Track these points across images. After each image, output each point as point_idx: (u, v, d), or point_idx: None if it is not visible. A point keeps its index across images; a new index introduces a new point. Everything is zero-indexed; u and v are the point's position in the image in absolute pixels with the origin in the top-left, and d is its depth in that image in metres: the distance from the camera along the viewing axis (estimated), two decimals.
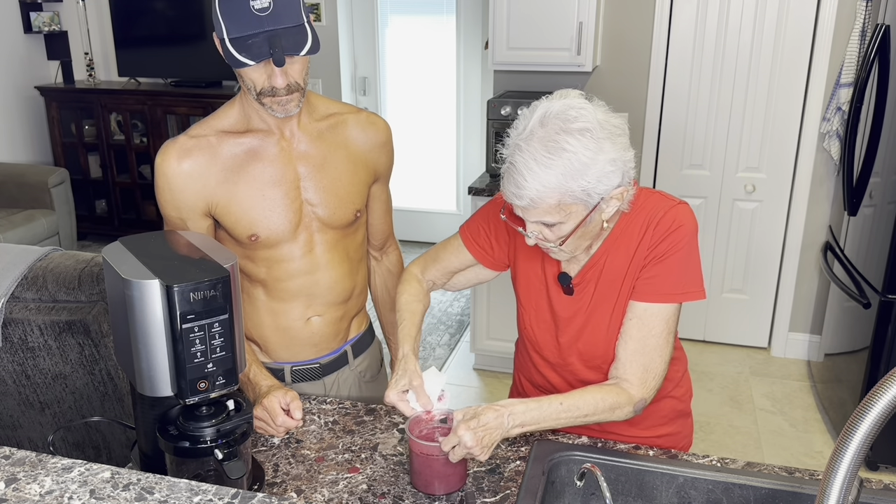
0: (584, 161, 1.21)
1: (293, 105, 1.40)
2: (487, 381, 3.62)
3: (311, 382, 1.64)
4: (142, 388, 1.17)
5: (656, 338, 1.35)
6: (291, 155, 1.48)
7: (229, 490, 0.91)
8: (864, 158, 2.95)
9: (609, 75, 3.65)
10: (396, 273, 1.81)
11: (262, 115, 1.46)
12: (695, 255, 1.35)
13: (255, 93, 1.38)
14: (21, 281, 1.98)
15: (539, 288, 1.47)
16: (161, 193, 1.45)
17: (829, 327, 3.39)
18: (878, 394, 0.72)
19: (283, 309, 1.56)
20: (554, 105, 1.26)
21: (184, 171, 1.42)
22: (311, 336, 1.60)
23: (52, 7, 5.35)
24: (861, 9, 3.18)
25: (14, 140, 5.25)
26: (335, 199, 1.52)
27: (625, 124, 1.29)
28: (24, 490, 0.90)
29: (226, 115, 1.49)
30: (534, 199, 1.23)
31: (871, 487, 1.26)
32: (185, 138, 1.44)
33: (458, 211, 5.34)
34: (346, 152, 1.54)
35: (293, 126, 1.49)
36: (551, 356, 1.49)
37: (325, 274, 1.56)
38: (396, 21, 5.09)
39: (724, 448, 3.03)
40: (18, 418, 2.11)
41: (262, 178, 1.46)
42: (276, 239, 1.49)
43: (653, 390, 1.36)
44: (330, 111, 1.55)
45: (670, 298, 1.34)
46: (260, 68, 1.35)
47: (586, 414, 1.31)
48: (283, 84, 1.36)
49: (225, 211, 1.46)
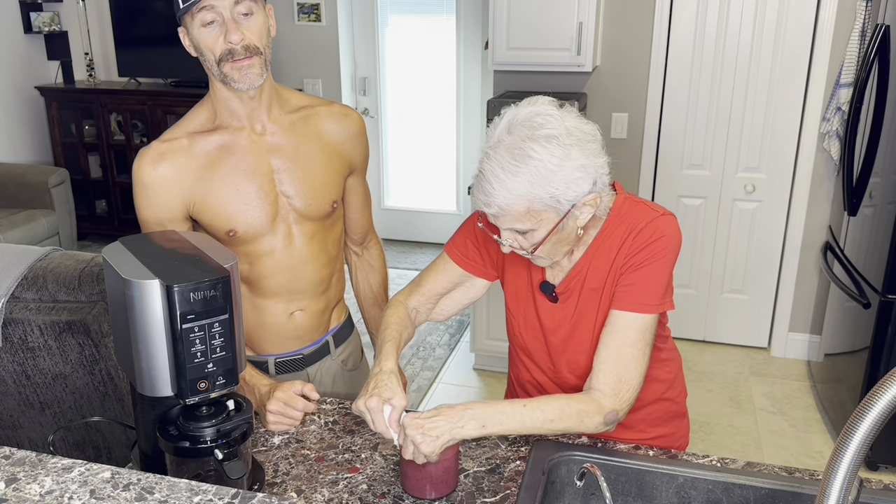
0: (550, 168, 1.20)
1: (255, 73, 1.39)
2: (487, 381, 3.62)
3: (294, 373, 1.66)
4: (142, 388, 1.17)
5: (630, 347, 1.31)
6: (264, 148, 1.49)
7: (229, 490, 0.91)
8: (864, 158, 2.95)
9: (609, 75, 3.65)
10: (378, 267, 1.81)
11: (231, 108, 1.46)
12: (672, 268, 1.32)
13: (216, 63, 1.38)
14: (21, 281, 1.98)
15: (526, 296, 1.46)
16: (139, 200, 1.46)
17: (829, 327, 3.39)
18: (878, 394, 0.72)
19: (267, 305, 1.58)
20: (521, 112, 1.25)
21: (160, 176, 1.43)
22: (294, 329, 1.62)
23: (52, 7, 5.35)
24: (861, 9, 3.18)
25: (14, 140, 5.25)
26: (311, 189, 1.52)
27: (596, 131, 1.28)
28: (24, 490, 0.90)
29: (195, 116, 1.49)
30: (502, 207, 1.23)
31: (871, 487, 1.26)
32: (158, 144, 1.45)
33: (458, 211, 5.34)
34: (319, 143, 1.54)
35: (263, 118, 1.49)
36: (543, 363, 1.49)
37: (306, 267, 1.57)
38: (396, 21, 5.09)
39: (724, 448, 3.03)
40: (18, 418, 2.11)
41: (235, 173, 1.46)
42: (254, 233, 1.49)
43: (626, 403, 1.31)
44: (302, 104, 1.56)
45: (647, 308, 1.31)
46: (215, 31, 1.36)
47: (551, 419, 1.27)
48: (238, 39, 1.36)
49: (202, 208, 1.46)
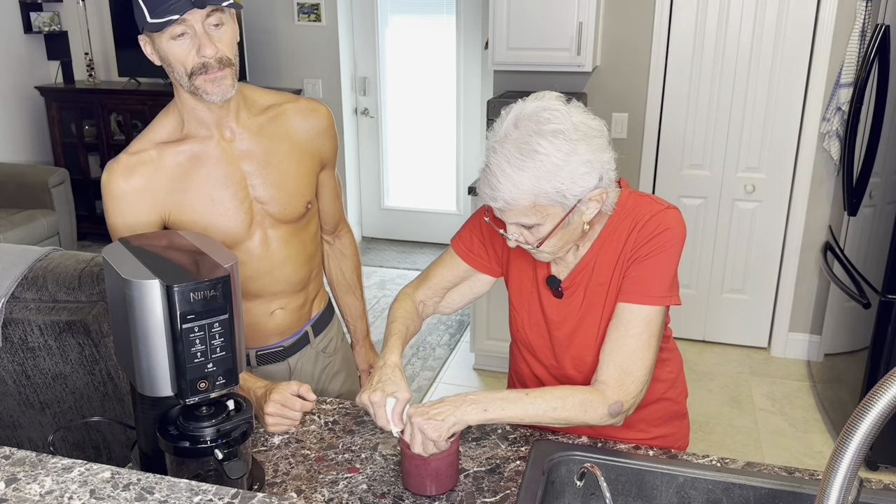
0: (556, 163, 1.20)
1: (227, 84, 1.36)
2: (487, 381, 3.62)
3: (275, 364, 1.68)
4: (142, 388, 1.17)
5: (635, 339, 1.31)
6: (234, 155, 1.47)
7: (229, 490, 0.91)
8: (864, 158, 2.95)
9: (609, 75, 3.65)
10: (350, 255, 1.83)
11: (198, 117, 1.43)
12: (676, 259, 1.33)
13: (187, 76, 1.35)
14: (21, 281, 1.98)
15: (531, 290, 1.46)
16: (111, 216, 1.43)
17: (829, 327, 3.39)
18: (878, 394, 0.72)
19: (248, 307, 1.59)
20: (528, 107, 1.25)
21: (132, 188, 1.41)
22: (276, 326, 1.64)
23: (52, 7, 5.35)
24: (861, 9, 3.18)
25: (14, 140, 5.25)
26: (284, 193, 1.52)
27: (603, 126, 1.28)
28: (25, 490, 0.90)
29: (161, 126, 1.46)
30: (508, 201, 1.23)
31: (871, 487, 1.26)
32: (126, 156, 1.42)
33: (458, 211, 5.34)
34: (289, 144, 1.52)
35: (232, 124, 1.46)
36: (546, 359, 1.49)
37: (284, 269, 1.58)
38: (396, 21, 5.09)
39: (724, 448, 3.03)
40: (18, 418, 2.11)
41: (208, 183, 1.45)
42: (231, 240, 1.49)
43: (632, 395, 1.30)
44: (268, 103, 1.53)
45: (651, 300, 1.31)
46: (186, 44, 1.33)
47: (554, 407, 1.27)
48: (212, 53, 1.32)
49: (178, 219, 1.45)
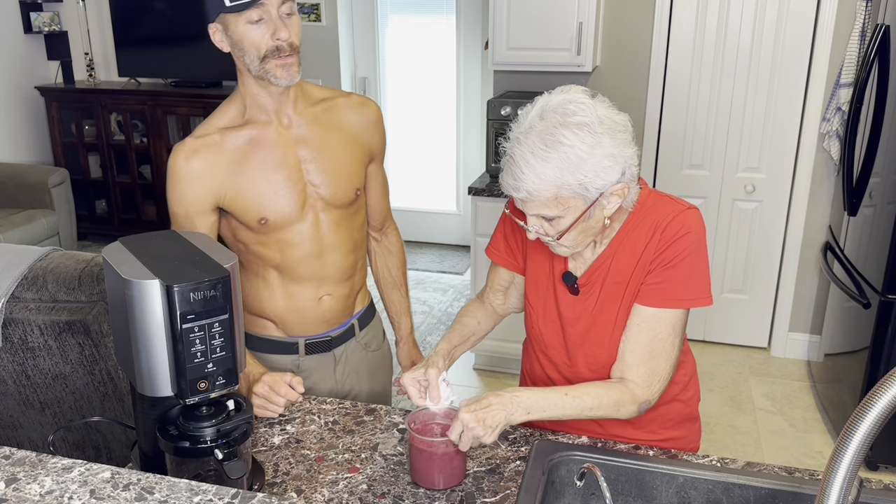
0: (580, 155, 1.21)
1: (295, 70, 1.48)
2: (487, 381, 3.62)
3: (322, 354, 1.74)
4: (142, 388, 1.17)
5: (663, 342, 1.35)
6: (290, 140, 1.57)
7: (229, 490, 0.91)
8: (864, 158, 2.95)
9: (609, 75, 3.65)
10: (396, 252, 1.91)
11: (260, 103, 1.54)
12: (702, 261, 1.35)
13: (259, 60, 1.45)
14: (21, 281, 1.98)
15: (546, 286, 1.47)
16: (171, 192, 1.54)
17: (829, 327, 3.39)
18: (878, 394, 0.72)
19: (297, 291, 1.65)
20: (554, 99, 1.27)
21: (193, 170, 1.51)
22: (323, 314, 1.69)
23: (52, 7, 5.35)
24: (861, 9, 3.18)
25: (14, 140, 5.25)
26: (336, 178, 1.61)
27: (627, 121, 1.29)
28: (24, 490, 0.90)
29: (224, 113, 1.58)
30: (531, 192, 1.25)
31: (871, 487, 1.26)
32: (191, 140, 1.54)
33: (458, 211, 5.34)
34: (341, 134, 1.63)
35: (290, 112, 1.57)
36: (558, 357, 1.49)
37: (333, 254, 1.65)
38: (396, 21, 5.09)
39: (724, 448, 3.03)
40: (18, 418, 2.11)
41: (265, 165, 1.54)
42: (284, 220, 1.57)
43: (658, 392, 1.37)
44: (322, 96, 1.65)
45: (678, 304, 1.34)
46: (262, 28, 1.44)
47: (591, 407, 1.32)
48: (286, 36, 1.44)
49: (234, 199, 1.54)
